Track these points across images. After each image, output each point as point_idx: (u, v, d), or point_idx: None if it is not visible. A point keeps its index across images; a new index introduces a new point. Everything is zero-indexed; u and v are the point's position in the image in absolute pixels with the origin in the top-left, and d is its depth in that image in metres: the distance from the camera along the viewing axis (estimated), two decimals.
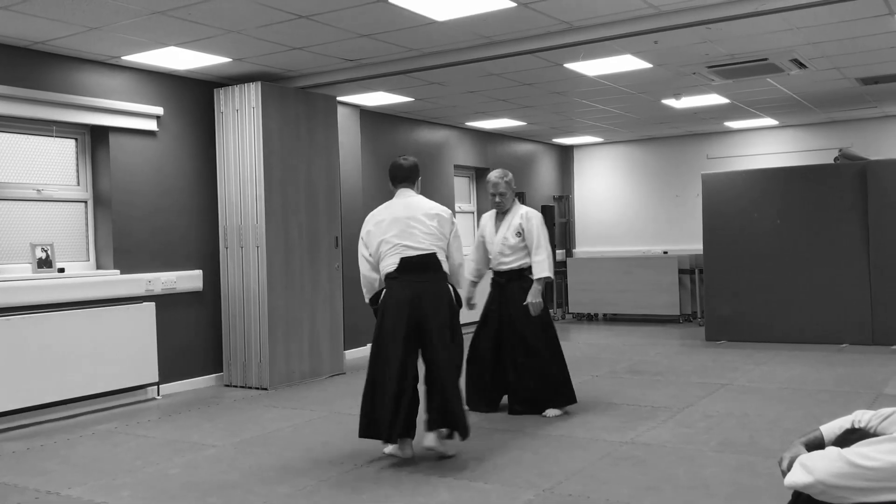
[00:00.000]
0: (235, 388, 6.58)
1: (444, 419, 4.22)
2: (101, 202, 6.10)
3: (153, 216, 6.33)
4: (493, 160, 10.68)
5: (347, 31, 5.40)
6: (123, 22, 5.01)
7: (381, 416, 4.15)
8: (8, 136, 5.65)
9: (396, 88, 7.48)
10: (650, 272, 10.32)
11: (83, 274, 5.84)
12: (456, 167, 10.10)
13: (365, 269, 4.37)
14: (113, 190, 6.05)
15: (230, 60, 6.07)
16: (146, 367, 6.03)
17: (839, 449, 1.88)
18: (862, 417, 2.14)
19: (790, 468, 1.98)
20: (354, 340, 7.91)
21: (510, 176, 5.25)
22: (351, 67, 6.43)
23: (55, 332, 5.43)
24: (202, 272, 6.65)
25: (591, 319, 10.92)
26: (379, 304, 4.32)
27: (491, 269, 5.38)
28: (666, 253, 10.99)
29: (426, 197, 4.46)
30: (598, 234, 12.29)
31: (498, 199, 5.24)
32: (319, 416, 5.43)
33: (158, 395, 6.21)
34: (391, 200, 4.44)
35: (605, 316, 10.95)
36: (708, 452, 4.24)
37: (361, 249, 4.38)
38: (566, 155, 12.40)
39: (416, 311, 4.16)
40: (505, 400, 5.36)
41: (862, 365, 6.78)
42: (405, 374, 4.14)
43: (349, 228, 7.82)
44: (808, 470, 1.89)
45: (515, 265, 5.20)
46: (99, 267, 6.11)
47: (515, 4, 4.92)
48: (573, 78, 7.21)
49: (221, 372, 6.77)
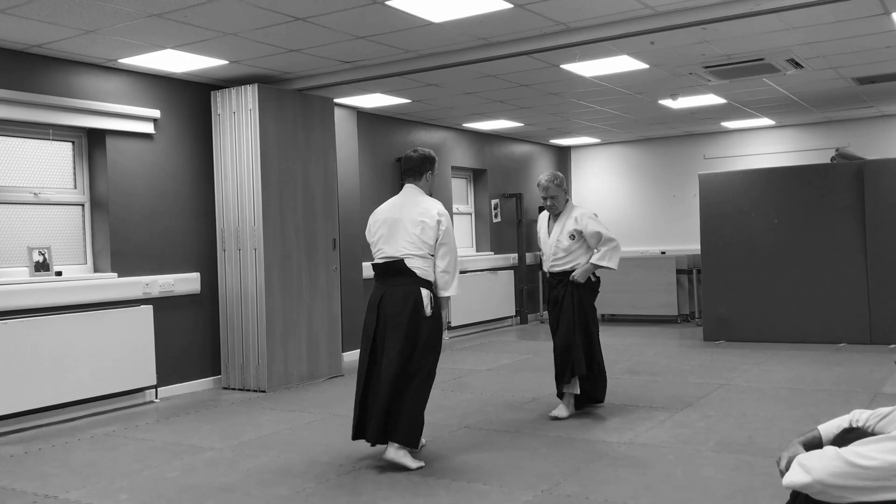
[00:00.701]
0: (233, 390, 6.57)
1: (383, 427, 4.09)
2: (98, 205, 6.10)
3: (150, 219, 6.32)
4: (490, 161, 10.69)
5: (344, 32, 5.40)
6: (120, 25, 5.01)
7: (357, 416, 4.23)
8: (5, 139, 5.64)
9: (393, 90, 7.48)
10: (648, 272, 10.33)
11: (81, 277, 5.84)
12: (453, 168, 10.11)
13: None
14: (110, 193, 6.05)
15: (227, 63, 6.07)
16: (144, 370, 6.02)
17: (837, 448, 1.88)
18: (860, 417, 2.15)
19: (788, 468, 1.98)
20: (352, 342, 7.90)
21: (560, 178, 5.24)
22: (348, 69, 6.43)
23: (53, 335, 5.42)
24: (200, 275, 6.65)
25: None
26: None
27: (545, 270, 5.39)
28: (664, 253, 10.99)
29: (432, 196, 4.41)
30: None
31: (549, 202, 5.26)
32: (318, 418, 5.42)
33: (156, 398, 6.21)
34: (395, 197, 4.46)
35: (603, 316, 10.94)
36: (706, 452, 4.24)
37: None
38: (563, 156, 12.40)
39: (381, 312, 4.20)
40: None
41: (860, 364, 6.79)
42: (370, 375, 4.17)
43: (347, 230, 7.82)
44: (806, 469, 1.88)
45: (568, 266, 5.18)
46: (96, 270, 6.10)
47: (511, 6, 4.93)
48: (570, 79, 7.22)
49: (219, 374, 6.76)
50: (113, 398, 5.87)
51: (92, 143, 6.12)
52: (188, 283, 6.53)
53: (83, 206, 6.11)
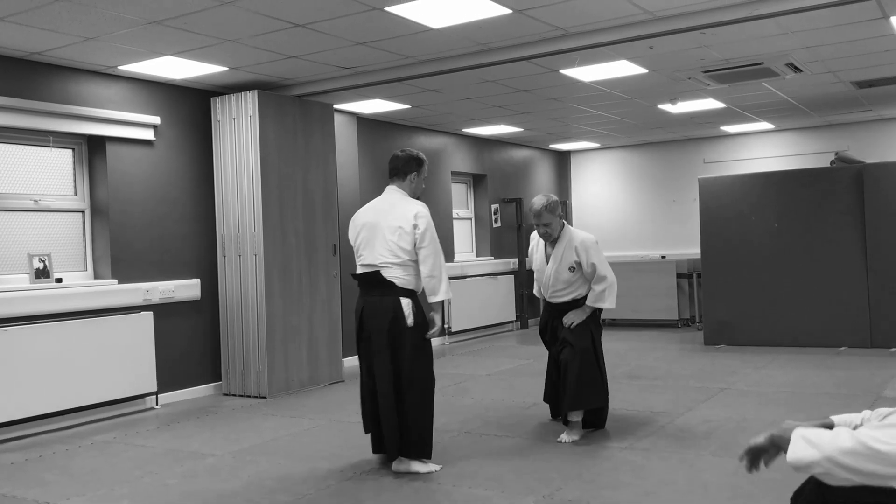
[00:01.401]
0: (234, 396, 6.57)
1: (397, 444, 4.09)
2: (98, 212, 6.10)
3: (151, 225, 6.33)
4: (489, 166, 10.70)
5: (343, 39, 5.41)
6: (120, 32, 5.02)
7: (373, 432, 4.25)
8: (5, 146, 5.65)
9: (393, 96, 7.50)
10: (648, 277, 10.33)
11: (81, 284, 5.84)
12: (453, 174, 10.12)
13: None
14: (110, 199, 6.06)
15: (227, 69, 6.08)
16: (144, 376, 6.02)
17: (850, 430, 1.78)
18: (870, 417, 2.11)
19: (763, 447, 1.91)
20: (353, 348, 7.89)
21: (554, 201, 4.70)
22: (347, 75, 6.44)
23: (53, 342, 5.43)
24: (200, 281, 6.65)
25: None
26: None
27: (541, 297, 5.06)
28: (664, 257, 10.99)
29: (425, 203, 4.31)
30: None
31: (542, 229, 4.75)
32: (318, 424, 5.42)
33: (157, 404, 6.20)
34: (376, 199, 4.39)
35: (603, 321, 10.92)
36: (707, 457, 4.24)
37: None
38: (563, 160, 12.41)
39: (363, 323, 4.18)
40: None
41: (860, 368, 6.79)
42: (373, 388, 4.17)
43: (347, 236, 7.81)
44: (813, 445, 1.76)
45: (569, 298, 4.87)
46: (97, 276, 6.11)
47: (510, 11, 4.94)
48: (569, 84, 7.23)
49: (220, 381, 6.76)
50: (113, 405, 5.86)
51: (92, 149, 6.13)
52: (188, 289, 6.53)
53: (83, 212, 6.12)
